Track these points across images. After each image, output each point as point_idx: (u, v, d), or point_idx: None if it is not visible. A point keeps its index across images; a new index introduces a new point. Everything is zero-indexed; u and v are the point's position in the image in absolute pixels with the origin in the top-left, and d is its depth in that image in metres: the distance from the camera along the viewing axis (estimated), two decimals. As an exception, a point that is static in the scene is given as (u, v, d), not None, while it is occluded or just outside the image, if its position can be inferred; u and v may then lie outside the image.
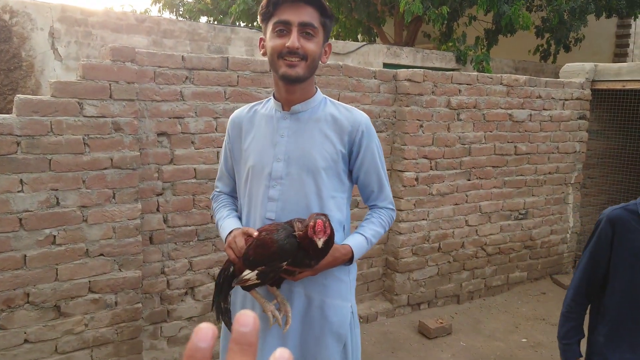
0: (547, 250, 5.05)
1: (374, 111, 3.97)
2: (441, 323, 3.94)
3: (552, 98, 4.77)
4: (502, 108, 4.48)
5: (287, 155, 1.60)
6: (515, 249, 4.82)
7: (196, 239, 3.37)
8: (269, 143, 1.63)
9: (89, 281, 2.88)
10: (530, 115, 4.66)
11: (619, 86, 4.88)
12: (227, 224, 1.67)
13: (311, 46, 1.53)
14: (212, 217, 1.89)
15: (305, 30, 1.51)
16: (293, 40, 1.49)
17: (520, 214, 4.78)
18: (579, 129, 5.02)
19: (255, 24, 7.89)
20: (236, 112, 1.77)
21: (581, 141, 5.06)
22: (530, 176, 4.77)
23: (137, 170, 2.96)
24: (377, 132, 3.94)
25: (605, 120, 5.31)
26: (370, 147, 1.66)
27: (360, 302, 4.17)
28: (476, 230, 4.54)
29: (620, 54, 10.10)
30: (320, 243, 1.36)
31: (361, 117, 1.67)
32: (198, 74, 3.18)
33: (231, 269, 1.57)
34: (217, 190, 1.86)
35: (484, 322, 4.24)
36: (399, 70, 4.08)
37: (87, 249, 2.85)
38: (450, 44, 7.42)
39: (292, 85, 1.57)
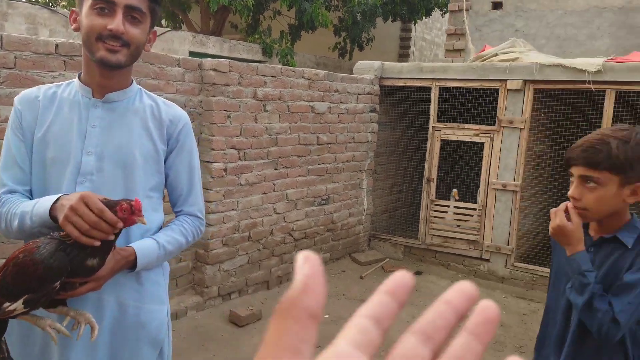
0: (346, 231, 5.53)
1: (179, 100, 3.85)
2: (251, 310, 4.04)
3: (348, 92, 5.21)
4: (304, 100, 4.73)
5: (99, 149, 1.43)
6: (319, 232, 5.17)
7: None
8: (76, 133, 1.43)
9: None
10: (330, 107, 5.02)
11: (401, 83, 5.55)
12: (45, 199, 1.34)
13: (137, 32, 1.40)
14: (6, 221, 1.40)
15: (132, 14, 1.38)
16: (118, 23, 1.34)
17: (322, 199, 5.14)
18: (370, 121, 5.58)
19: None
20: (26, 91, 1.49)
21: (372, 132, 5.64)
22: (330, 164, 5.16)
23: None
24: (182, 122, 3.84)
25: (392, 113, 6.00)
26: (187, 145, 1.57)
27: (170, 299, 4.03)
28: (284, 217, 4.74)
29: (403, 54, 11.49)
30: (144, 221, 1.25)
31: (182, 112, 1.59)
32: (-39, 51, 2.69)
33: None
34: (5, 189, 1.44)
35: (292, 303, 4.47)
36: (204, 60, 4.02)
37: None
38: (256, 37, 7.57)
39: (110, 71, 1.41)
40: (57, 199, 1.31)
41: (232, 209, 4.23)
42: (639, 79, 4.33)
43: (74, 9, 1.45)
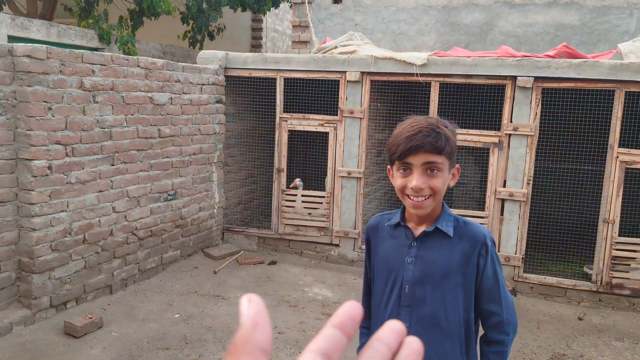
0: (197, 226, 5.36)
1: (-14, 91, 3.37)
2: (90, 318, 3.72)
3: (191, 82, 5.02)
4: (142, 91, 4.45)
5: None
6: (167, 229, 4.94)
7: None
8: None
9: None
10: (171, 98, 4.79)
11: (246, 74, 5.50)
12: None
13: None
14: None
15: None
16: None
17: (169, 195, 4.91)
18: (217, 112, 5.45)
19: None
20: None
21: (220, 123, 5.52)
22: (176, 158, 4.94)
23: None
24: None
25: (240, 104, 5.93)
26: None
27: (-11, 316, 3.55)
28: (125, 216, 4.44)
29: (256, 45, 11.44)
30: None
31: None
32: None
33: None
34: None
35: (138, 307, 4.22)
36: (15, 45, 3.56)
37: None
38: (90, 21, 6.94)
39: None
40: None
41: (62, 211, 3.83)
42: (458, 72, 4.80)
43: (389, 167, 1.56)
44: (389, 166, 1.53)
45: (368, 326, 1.71)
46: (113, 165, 4.25)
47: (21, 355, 3.38)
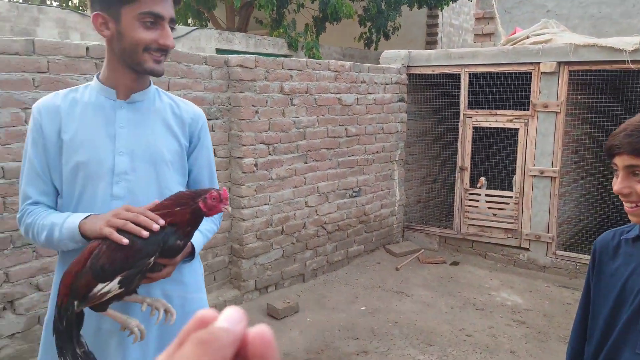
0: (379, 223, 5.49)
1: (208, 98, 3.88)
2: (288, 303, 4.05)
3: (375, 82, 5.14)
4: (331, 93, 4.70)
5: (130, 149, 1.46)
6: (352, 224, 5.14)
7: (11, 246, 2.96)
8: (104, 135, 1.45)
9: None
10: (357, 99, 4.97)
11: (429, 71, 5.44)
12: (74, 216, 1.38)
13: (173, 41, 1.46)
14: (32, 234, 1.44)
15: (171, 25, 1.45)
16: (171, 39, 1.43)
17: (354, 191, 5.10)
18: (399, 111, 5.50)
19: (69, 3, 7.11)
20: (44, 99, 1.49)
21: (402, 122, 5.56)
22: (360, 156, 5.11)
23: None
24: (212, 119, 3.88)
25: (421, 102, 5.90)
26: (207, 142, 1.65)
27: (208, 293, 4.07)
28: (316, 210, 4.73)
29: (431, 41, 11.29)
30: (229, 209, 1.32)
31: (199, 110, 1.64)
32: (-3, 58, 2.76)
33: (74, 304, 1.27)
34: (30, 201, 1.46)
35: (328, 296, 4.47)
36: (230, 56, 4.02)
37: None
38: (281, 31, 7.56)
39: (143, 75, 1.48)
40: (87, 216, 1.36)
41: (265, 204, 4.24)
42: (682, 54, 4.13)
43: (98, 13, 1.41)
44: None
45: (580, 351, 1.49)
46: (306, 163, 4.56)
47: (232, 330, 3.82)
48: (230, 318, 0.35)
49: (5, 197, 2.89)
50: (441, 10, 9.74)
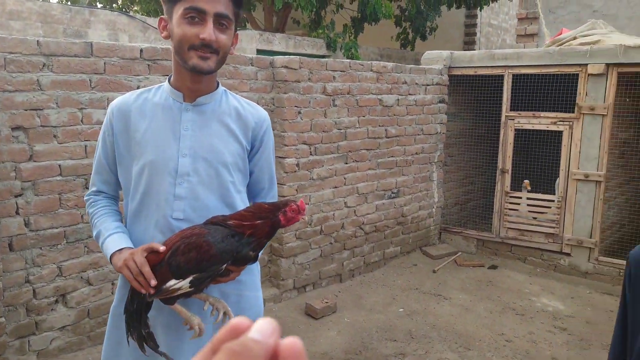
0: (416, 225, 5.47)
1: (253, 99, 3.94)
2: (326, 302, 4.09)
3: (416, 84, 5.12)
4: (372, 94, 4.71)
5: (193, 150, 1.51)
6: (390, 225, 5.14)
7: (65, 241, 3.09)
8: (171, 136, 1.51)
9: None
10: (398, 100, 4.96)
11: (471, 72, 5.39)
12: (114, 240, 1.50)
13: (224, 39, 1.46)
14: (90, 223, 1.61)
15: (220, 21, 1.43)
16: (210, 32, 1.41)
17: (392, 192, 5.10)
18: (439, 112, 5.46)
19: (115, 5, 7.32)
20: (119, 99, 1.58)
21: (441, 123, 5.52)
22: (400, 157, 5.10)
23: (-11, 169, 2.62)
24: (256, 119, 3.94)
25: (461, 104, 5.85)
26: (269, 144, 1.67)
27: (247, 291, 4.17)
28: (354, 211, 4.75)
29: (469, 42, 11.14)
30: (306, 218, 1.41)
31: (264, 113, 1.66)
32: (57, 60, 2.88)
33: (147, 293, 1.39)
34: (94, 189, 1.63)
35: (365, 297, 4.48)
36: (275, 57, 4.08)
37: None
38: (320, 31, 7.60)
39: (200, 76, 1.48)
40: (122, 249, 1.48)
41: (305, 203, 4.28)
42: None
43: (162, 17, 1.50)
44: None
45: None
46: (346, 163, 4.59)
47: (272, 327, 3.87)
48: (263, 330, 0.36)
49: (62, 194, 3.02)
50: (480, 10, 9.61)
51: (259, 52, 6.75)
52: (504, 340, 3.83)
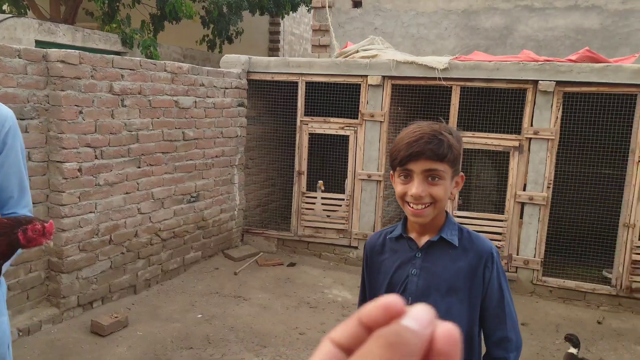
0: (218, 228, 5.44)
1: (21, 95, 3.48)
2: (116, 317, 3.81)
3: (214, 86, 5.10)
4: (167, 95, 4.54)
5: None
6: (189, 230, 5.02)
7: None
8: None
9: None
10: (196, 102, 4.87)
11: (268, 77, 5.57)
12: None
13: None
14: None
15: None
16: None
17: (192, 197, 4.99)
18: (239, 115, 5.53)
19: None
20: None
21: (242, 126, 5.60)
22: (199, 160, 5.02)
23: None
24: (27, 119, 3.50)
25: (261, 108, 6.00)
26: (16, 145, 1.51)
27: (20, 313, 3.66)
28: (150, 217, 4.53)
29: (273, 48, 11.54)
30: (51, 244, 1.20)
31: (8, 111, 1.50)
32: None
33: None
34: None
35: (162, 306, 4.30)
36: (49, 50, 3.66)
37: None
38: (114, 26, 7.08)
39: None
40: None
41: (90, 212, 3.93)
42: (479, 76, 4.82)
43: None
44: (391, 172, 1.47)
45: None
46: (139, 167, 4.34)
47: (50, 352, 3.47)
48: (420, 318, 0.32)
49: None
50: (282, 19, 10.03)
51: (39, 44, 6.01)
52: (298, 333, 4.03)
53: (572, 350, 3.45)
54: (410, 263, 1.49)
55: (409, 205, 1.40)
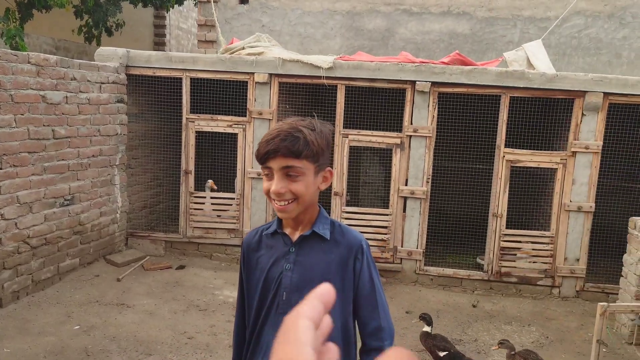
0: (98, 232, 5.09)
1: None
2: (-24, 336, 3.41)
3: (88, 81, 4.75)
4: (33, 89, 4.15)
5: None
6: (64, 236, 4.64)
7: None
8: None
9: None
10: (67, 97, 4.51)
11: (150, 73, 5.31)
12: None
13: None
14: None
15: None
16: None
17: (66, 200, 4.62)
18: (118, 112, 5.21)
19: None
20: None
21: (122, 124, 5.28)
22: (73, 160, 4.65)
23: None
24: None
25: (143, 104, 5.71)
26: None
27: None
28: (15, 224, 4.11)
29: (159, 42, 11.05)
30: None
31: None
32: None
33: None
34: None
35: (33, 320, 3.93)
36: None
37: None
38: (-29, 12, 6.31)
39: None
40: None
41: (-60, 220, 3.47)
42: (362, 76, 4.99)
43: None
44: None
45: (244, 340, 1.62)
46: (1, 169, 3.92)
47: None
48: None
49: None
50: (167, 12, 9.62)
51: None
52: (186, 338, 3.89)
53: (427, 328, 3.72)
54: (284, 258, 1.50)
55: (274, 202, 1.41)
